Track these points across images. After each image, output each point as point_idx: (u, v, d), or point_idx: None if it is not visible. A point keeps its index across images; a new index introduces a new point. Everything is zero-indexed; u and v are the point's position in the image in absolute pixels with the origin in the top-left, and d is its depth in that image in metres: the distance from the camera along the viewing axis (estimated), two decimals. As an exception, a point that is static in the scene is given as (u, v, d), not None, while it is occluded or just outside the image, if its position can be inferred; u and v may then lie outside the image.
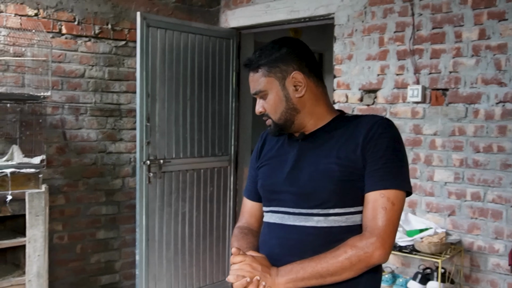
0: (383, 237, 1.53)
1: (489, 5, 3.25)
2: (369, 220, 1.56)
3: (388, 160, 1.59)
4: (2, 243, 3.45)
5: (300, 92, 1.68)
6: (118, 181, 4.51)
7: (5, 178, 3.37)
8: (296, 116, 1.70)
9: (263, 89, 1.70)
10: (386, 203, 1.55)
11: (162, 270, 4.38)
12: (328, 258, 1.54)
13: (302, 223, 1.65)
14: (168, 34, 4.34)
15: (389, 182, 1.57)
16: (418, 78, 3.58)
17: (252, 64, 1.72)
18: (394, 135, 1.64)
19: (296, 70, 1.68)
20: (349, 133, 1.66)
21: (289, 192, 1.69)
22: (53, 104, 4.09)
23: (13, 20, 3.85)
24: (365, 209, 1.60)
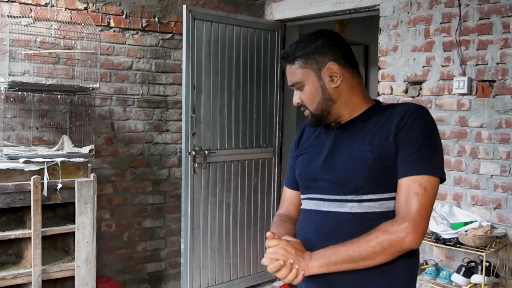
0: (415, 222, 1.53)
1: (539, -6, 3.19)
2: (402, 206, 1.57)
3: (421, 146, 1.59)
4: (53, 229, 3.53)
5: (336, 83, 1.71)
6: (164, 171, 4.59)
7: (56, 167, 3.46)
8: (332, 106, 1.73)
9: (300, 81, 1.73)
10: (418, 188, 1.56)
11: (206, 259, 4.45)
12: (360, 242, 1.55)
13: (337, 209, 1.67)
14: (214, 27, 4.39)
15: (422, 168, 1.58)
16: (464, 70, 3.52)
17: (288, 56, 1.75)
18: (427, 122, 1.65)
19: (331, 61, 1.70)
20: (382, 121, 1.67)
21: (324, 179, 1.72)
22: (102, 95, 4.18)
23: (63, 14, 3.96)
24: (398, 195, 1.60)
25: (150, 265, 4.58)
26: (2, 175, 3.31)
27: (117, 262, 4.39)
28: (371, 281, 1.64)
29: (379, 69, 4.05)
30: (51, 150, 3.66)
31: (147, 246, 4.55)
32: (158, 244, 4.61)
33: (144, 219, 4.52)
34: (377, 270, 1.60)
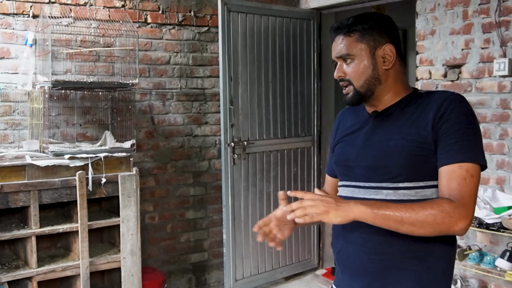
0: (469, 207, 1.52)
1: None
2: (452, 189, 1.55)
3: (463, 134, 1.58)
4: (99, 223, 3.63)
5: (388, 65, 1.71)
6: (205, 163, 4.64)
7: (99, 162, 3.56)
8: (377, 87, 1.72)
9: (352, 54, 1.71)
10: (466, 174, 1.55)
11: (248, 249, 4.50)
12: (415, 207, 1.52)
13: (372, 196, 1.68)
14: (249, 18, 4.41)
15: (467, 155, 1.56)
16: (505, 51, 3.47)
17: (344, 28, 1.72)
18: (467, 109, 1.63)
19: (389, 43, 1.70)
20: (420, 110, 1.66)
21: (360, 166, 1.73)
22: (141, 90, 4.26)
23: (102, 12, 4.04)
24: (443, 180, 1.58)
25: (194, 255, 4.65)
26: (49, 172, 3.41)
27: (162, 253, 4.47)
28: (406, 267, 1.64)
29: (417, 54, 4.01)
30: (94, 146, 3.75)
31: (190, 237, 4.62)
32: (200, 234, 4.68)
33: (186, 211, 4.59)
34: (413, 256, 1.63)
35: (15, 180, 3.31)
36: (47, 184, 3.41)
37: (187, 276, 4.63)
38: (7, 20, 3.72)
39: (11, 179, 3.31)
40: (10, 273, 3.33)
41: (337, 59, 1.75)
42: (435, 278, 1.66)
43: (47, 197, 3.44)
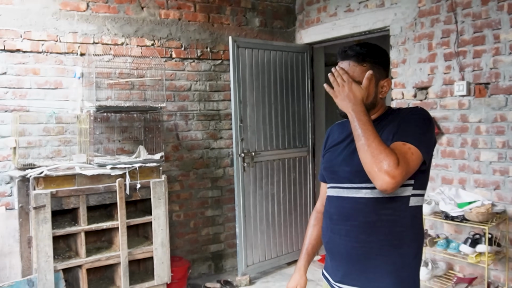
0: (401, 173, 1.47)
1: (523, 9, 3.11)
2: (398, 153, 1.50)
3: (415, 127, 1.59)
4: (135, 220, 3.64)
5: (384, 95, 1.72)
6: (220, 171, 4.65)
7: (135, 171, 3.58)
8: (371, 111, 1.69)
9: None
10: (408, 151, 1.53)
11: (257, 240, 4.50)
12: (379, 141, 1.51)
13: (353, 195, 1.67)
14: (254, 52, 4.44)
15: (413, 140, 1.55)
16: (463, 75, 3.47)
17: (357, 55, 1.67)
18: (425, 115, 1.65)
19: (387, 77, 1.72)
20: (392, 121, 1.68)
21: (344, 171, 1.71)
22: (168, 112, 4.28)
23: (135, 50, 4.08)
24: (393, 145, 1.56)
25: (212, 246, 4.65)
26: (95, 179, 3.44)
27: (186, 245, 4.47)
28: (383, 254, 1.63)
29: (392, 79, 4.02)
30: (131, 158, 3.77)
31: (209, 231, 4.62)
32: (218, 229, 4.68)
33: (206, 210, 4.59)
34: (388, 244, 1.63)
35: (67, 187, 3.34)
36: (93, 190, 3.43)
37: (208, 263, 4.62)
38: (59, 58, 3.77)
39: (64, 185, 3.33)
40: (64, 262, 3.34)
41: None
42: (407, 262, 1.65)
43: (93, 200, 3.46)
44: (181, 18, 4.32)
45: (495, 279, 3.32)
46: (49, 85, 3.74)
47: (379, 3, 4.07)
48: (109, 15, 3.96)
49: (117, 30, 3.99)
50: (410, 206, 1.65)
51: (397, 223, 1.63)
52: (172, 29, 4.27)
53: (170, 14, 4.25)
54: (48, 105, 3.73)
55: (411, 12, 3.80)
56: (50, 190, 3.25)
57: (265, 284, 4.39)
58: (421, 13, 3.73)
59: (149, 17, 4.15)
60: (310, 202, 4.95)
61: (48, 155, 3.73)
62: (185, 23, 4.34)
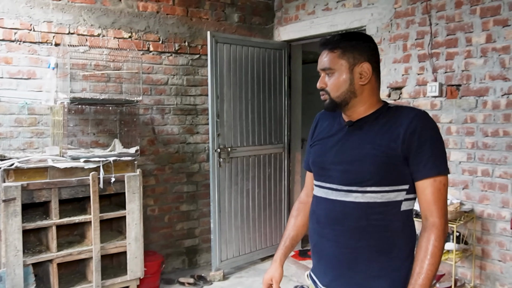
0: (444, 214, 1.52)
1: (495, 14, 3.16)
2: (430, 205, 1.52)
3: (434, 148, 1.53)
4: (109, 214, 3.61)
5: (364, 81, 1.60)
6: (196, 165, 4.63)
7: (109, 165, 3.54)
8: (352, 99, 1.62)
9: (332, 68, 1.60)
10: (440, 185, 1.52)
11: (231, 235, 4.50)
12: (428, 259, 1.50)
13: (343, 198, 1.60)
14: (233, 48, 4.43)
15: (439, 169, 1.53)
16: (436, 77, 3.53)
17: (330, 44, 1.62)
18: (433, 125, 1.57)
19: (366, 61, 1.60)
20: (391, 123, 1.58)
21: (335, 170, 1.63)
22: (144, 106, 4.24)
23: (112, 42, 4.02)
24: (423, 194, 1.54)
25: (187, 241, 4.64)
26: (68, 172, 3.39)
27: (161, 239, 4.45)
28: (372, 259, 1.58)
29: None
30: (105, 151, 3.73)
31: (184, 225, 4.61)
32: (192, 224, 4.67)
33: (181, 204, 4.57)
34: (378, 250, 1.58)
35: (39, 179, 3.29)
36: (66, 183, 3.38)
37: (182, 258, 4.61)
38: (33, 47, 3.70)
39: (36, 178, 3.28)
40: (34, 257, 3.30)
41: (321, 71, 1.65)
42: (398, 265, 1.58)
43: (65, 194, 3.42)
44: (159, 11, 4.28)
45: (462, 276, 3.40)
46: (22, 75, 3.67)
47: (356, 3, 4.10)
48: (86, 5, 3.90)
49: (93, 21, 3.94)
50: (402, 210, 1.58)
51: (388, 228, 1.57)
52: (150, 22, 4.23)
53: (148, 7, 4.21)
54: (20, 96, 3.66)
55: (387, 13, 3.84)
56: (21, 182, 3.19)
57: (238, 279, 4.40)
58: (397, 14, 3.77)
59: (127, 9, 4.10)
60: (285, 198, 4.97)
61: (20, 147, 3.67)
62: (163, 16, 4.31)
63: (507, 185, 3.14)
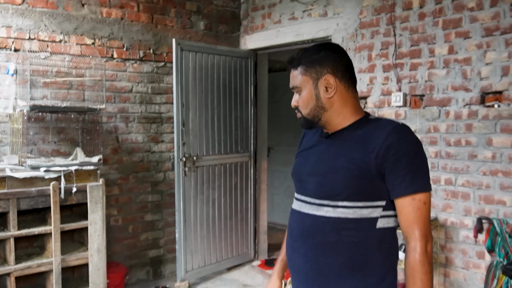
0: (426, 234, 1.45)
1: (456, 26, 3.25)
2: (410, 226, 1.45)
3: (412, 163, 1.45)
4: (70, 225, 3.50)
5: (330, 94, 1.55)
6: (161, 175, 4.56)
7: (71, 174, 3.43)
8: (323, 114, 1.57)
9: (298, 86, 1.59)
10: (419, 204, 1.44)
11: (197, 245, 4.43)
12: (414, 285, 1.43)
13: (314, 212, 1.55)
14: (198, 56, 4.39)
15: (418, 186, 1.45)
16: (400, 87, 3.59)
17: (293, 62, 1.60)
18: (412, 139, 1.49)
19: (329, 73, 1.55)
20: (367, 136, 1.51)
21: (310, 182, 1.59)
22: (108, 114, 4.15)
23: (75, 48, 3.92)
24: (402, 214, 1.47)
25: (151, 251, 4.54)
26: (27, 182, 3.27)
27: (124, 250, 4.35)
28: (343, 276, 1.52)
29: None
30: (67, 160, 3.62)
31: (148, 236, 4.52)
32: (157, 234, 4.58)
33: (145, 214, 4.48)
34: (349, 267, 1.51)
35: (-4, 190, 3.15)
36: (25, 193, 3.26)
37: (146, 269, 4.51)
38: (-9, 53, 3.56)
39: (-7, 189, 3.14)
40: (-10, 270, 3.16)
41: (292, 89, 1.63)
42: (372, 285, 1.51)
43: (24, 204, 3.29)
44: (123, 18, 4.20)
45: (426, 283, 3.44)
46: (-21, 82, 3.52)
47: (322, 13, 4.14)
48: (47, 10, 3.79)
49: (55, 26, 3.83)
50: (378, 228, 1.50)
51: (360, 245, 1.50)
52: (114, 29, 4.15)
53: (112, 13, 4.13)
54: (-23, 103, 3.51)
55: (352, 23, 3.89)
56: (-23, 193, 3.05)
57: (204, 289, 4.34)
58: (362, 25, 3.82)
59: (90, 15, 4.01)
60: (251, 207, 4.95)
61: (-24, 156, 3.51)
62: (128, 23, 4.23)
63: (470, 194, 3.21)
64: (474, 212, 3.18)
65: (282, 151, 6.66)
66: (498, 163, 3.07)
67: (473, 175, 3.18)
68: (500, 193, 3.06)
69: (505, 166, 3.04)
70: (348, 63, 1.60)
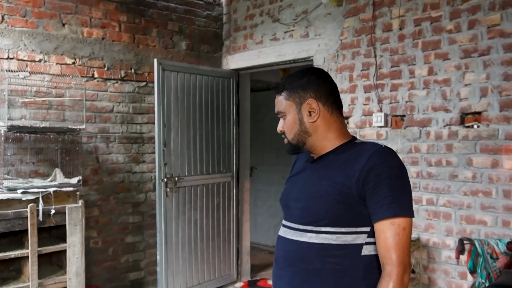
0: (404, 262, 1.40)
1: (436, 48, 3.30)
2: (387, 251, 1.40)
3: (392, 188, 1.41)
4: (48, 248, 3.42)
5: (313, 118, 1.55)
6: (142, 195, 4.50)
7: (49, 196, 3.37)
8: (307, 139, 1.57)
9: (283, 111, 1.59)
10: (398, 229, 1.39)
11: (178, 267, 4.36)
12: None
13: (297, 238, 1.53)
14: (180, 76, 4.38)
15: (398, 210, 1.40)
16: (381, 107, 3.61)
17: (278, 87, 1.61)
18: (395, 163, 1.46)
19: (312, 98, 1.55)
20: (350, 160, 1.50)
21: (296, 207, 1.57)
22: (88, 134, 4.09)
23: (54, 68, 3.88)
24: (379, 239, 1.43)
25: (132, 273, 4.45)
26: (3, 204, 3.19)
27: (104, 273, 4.25)
28: None
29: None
30: (45, 181, 3.55)
31: (129, 258, 4.43)
32: (138, 256, 4.50)
33: (126, 236, 4.40)
34: None
35: (-29, 213, 3.07)
36: (1, 216, 3.18)
37: (126, 292, 4.43)
38: (-32, 73, 3.50)
39: (-33, 212, 3.06)
40: (-37, 296, 3.05)
41: (277, 115, 1.63)
42: None
43: (0, 227, 3.20)
44: (105, 37, 4.18)
45: (409, 304, 3.43)
46: (-44, 102, 3.45)
47: (303, 34, 4.17)
48: (27, 29, 3.75)
49: (35, 46, 3.78)
50: (364, 255, 1.46)
51: (345, 273, 1.46)
52: (95, 48, 4.12)
53: (93, 33, 4.11)
54: (-47, 124, 3.43)
55: (333, 44, 3.92)
56: (-49, 216, 2.97)
57: (185, 313, 4.26)
58: (343, 46, 3.86)
59: (70, 35, 3.98)
60: (234, 228, 4.90)
61: (-49, 178, 3.42)
62: (109, 43, 4.21)
63: (451, 214, 3.22)
64: (456, 232, 3.19)
65: (265, 171, 6.64)
66: (479, 183, 3.09)
67: (454, 195, 3.20)
68: (481, 213, 3.08)
69: (485, 186, 3.06)
70: (331, 87, 1.60)
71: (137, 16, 4.39)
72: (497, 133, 3.02)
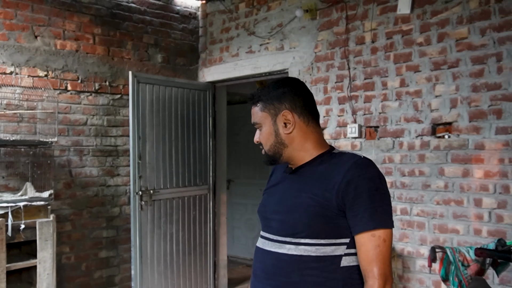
0: (385, 273, 1.40)
1: (407, 60, 3.35)
2: (368, 263, 1.40)
3: (372, 200, 1.42)
4: (17, 264, 3.34)
5: (288, 130, 1.54)
6: (116, 209, 4.43)
7: (19, 210, 3.29)
8: (284, 150, 1.56)
9: (258, 122, 1.59)
10: (379, 241, 1.40)
11: (154, 282, 4.29)
12: None
13: (276, 249, 1.51)
14: (155, 88, 4.36)
15: (377, 222, 1.41)
16: (355, 118, 3.65)
17: (253, 99, 1.61)
18: (373, 174, 1.46)
19: (287, 109, 1.54)
20: (329, 171, 1.49)
21: (274, 219, 1.56)
22: (61, 147, 4.02)
23: (26, 80, 3.81)
24: (360, 251, 1.42)
25: (106, 290, 4.38)
26: (-30, 220, 3.11)
27: (77, 289, 4.17)
28: None
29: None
30: (15, 195, 3.48)
31: (102, 273, 4.34)
32: (112, 271, 4.41)
33: (99, 251, 4.31)
34: None
35: None
36: (-32, 231, 3.10)
37: (100, 308, 4.33)
38: None
39: None
40: None
41: (254, 125, 1.63)
42: None
43: (-32, 243, 3.12)
44: (78, 50, 4.14)
45: (385, 315, 3.43)
46: None
47: (279, 47, 4.20)
48: (-2, 42, 3.70)
49: (6, 58, 3.73)
50: (342, 266, 1.45)
51: (324, 285, 1.45)
52: (69, 61, 4.08)
53: (67, 45, 4.07)
54: None
55: (308, 57, 3.96)
56: None
57: (161, 328, 4.18)
58: (317, 58, 3.90)
59: (43, 47, 3.93)
60: (211, 241, 4.85)
61: None
62: (83, 55, 4.17)
63: (425, 223, 3.25)
64: (429, 241, 3.22)
65: (242, 184, 6.63)
66: (451, 192, 3.13)
67: (427, 204, 3.23)
68: (453, 222, 3.11)
69: (457, 195, 3.10)
70: (307, 98, 1.59)
71: (111, 29, 4.37)
72: (467, 143, 3.07)
